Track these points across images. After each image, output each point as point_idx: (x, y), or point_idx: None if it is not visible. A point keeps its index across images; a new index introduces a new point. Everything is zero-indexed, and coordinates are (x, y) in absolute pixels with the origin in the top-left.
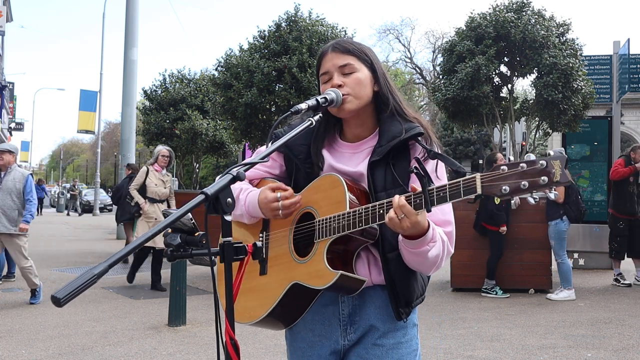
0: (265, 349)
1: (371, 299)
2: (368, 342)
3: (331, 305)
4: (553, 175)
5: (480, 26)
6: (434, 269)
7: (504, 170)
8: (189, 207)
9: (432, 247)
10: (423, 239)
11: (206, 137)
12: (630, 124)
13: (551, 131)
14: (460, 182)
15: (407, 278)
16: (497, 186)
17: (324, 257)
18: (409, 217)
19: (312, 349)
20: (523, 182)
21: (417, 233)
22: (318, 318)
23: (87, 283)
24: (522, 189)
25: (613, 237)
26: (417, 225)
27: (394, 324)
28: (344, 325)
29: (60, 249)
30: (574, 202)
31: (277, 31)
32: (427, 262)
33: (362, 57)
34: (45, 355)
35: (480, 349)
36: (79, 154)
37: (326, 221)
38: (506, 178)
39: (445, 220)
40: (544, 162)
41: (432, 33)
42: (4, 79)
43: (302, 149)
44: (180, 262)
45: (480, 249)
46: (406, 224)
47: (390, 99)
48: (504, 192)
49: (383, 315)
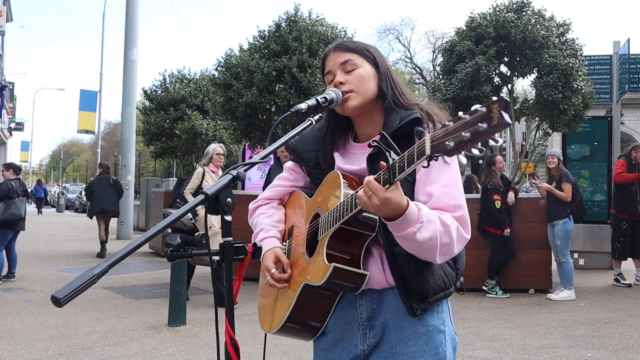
0: (266, 349)
1: (390, 303)
2: (387, 349)
3: (350, 309)
4: (492, 119)
5: (480, 26)
6: (438, 254)
7: (449, 125)
8: (189, 207)
9: (420, 229)
10: (404, 219)
11: (206, 137)
12: (630, 124)
13: (551, 131)
14: (414, 148)
15: (419, 271)
16: (443, 143)
17: (324, 252)
18: (377, 194)
19: (334, 352)
20: (464, 134)
21: (393, 213)
22: (339, 322)
23: (87, 283)
24: (465, 140)
25: (616, 237)
26: (388, 202)
27: (415, 330)
28: (363, 330)
29: (60, 249)
30: (579, 201)
31: (277, 31)
32: (422, 246)
33: (364, 53)
34: (45, 355)
35: (480, 349)
36: (79, 154)
37: (325, 216)
38: (451, 133)
39: (455, 204)
40: (483, 108)
41: (432, 33)
42: (4, 79)
43: (311, 155)
44: (180, 262)
45: (481, 249)
46: (375, 202)
47: (389, 93)
48: (449, 147)
49: (402, 321)
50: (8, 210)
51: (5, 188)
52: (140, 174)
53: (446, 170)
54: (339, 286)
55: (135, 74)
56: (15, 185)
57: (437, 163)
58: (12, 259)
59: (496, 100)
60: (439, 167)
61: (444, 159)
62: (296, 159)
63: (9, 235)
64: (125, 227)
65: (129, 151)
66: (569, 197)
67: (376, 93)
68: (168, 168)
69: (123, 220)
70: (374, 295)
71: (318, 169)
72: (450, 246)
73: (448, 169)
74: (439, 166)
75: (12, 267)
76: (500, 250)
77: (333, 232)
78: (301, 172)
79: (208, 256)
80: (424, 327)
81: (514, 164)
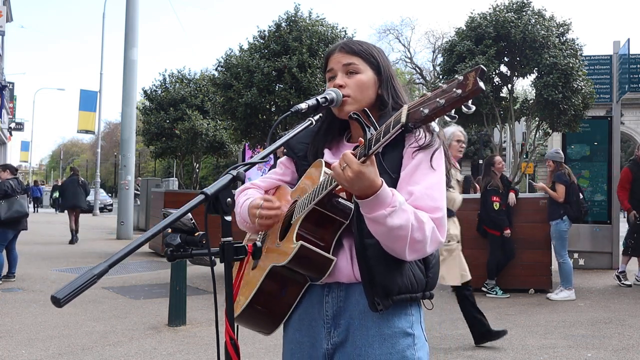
0: (266, 349)
1: (356, 301)
2: (351, 351)
3: (317, 305)
4: (466, 85)
5: (481, 26)
6: (407, 248)
7: (427, 95)
8: (189, 207)
9: (392, 213)
10: (375, 199)
11: (206, 137)
12: (630, 124)
13: (551, 131)
14: (392, 119)
15: (388, 267)
16: (418, 111)
17: (294, 232)
18: (351, 166)
19: (300, 350)
20: (439, 100)
21: (366, 190)
22: (305, 317)
23: (87, 283)
24: (439, 107)
25: (630, 234)
26: (361, 176)
27: (381, 332)
28: (327, 328)
29: (60, 249)
30: (574, 202)
31: (277, 31)
32: (392, 233)
33: (368, 59)
34: (45, 355)
35: (480, 349)
36: (79, 154)
37: (302, 200)
38: (428, 101)
39: (435, 206)
40: (460, 76)
41: (432, 33)
42: (4, 79)
43: (302, 147)
44: (180, 262)
45: (480, 249)
46: (348, 173)
47: (390, 101)
48: (422, 115)
49: (367, 322)
50: (12, 207)
51: (4, 187)
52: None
53: (431, 174)
54: (304, 267)
55: (135, 74)
56: (14, 184)
57: (423, 166)
58: (12, 259)
59: (474, 68)
60: (424, 169)
61: (431, 164)
62: (287, 149)
63: (10, 235)
64: (125, 227)
65: (129, 151)
66: (561, 198)
67: (374, 100)
68: (168, 168)
69: (123, 220)
70: (340, 292)
71: (306, 161)
72: (423, 244)
73: (433, 173)
74: (425, 169)
75: (12, 267)
76: (499, 250)
77: (306, 214)
78: (290, 167)
79: (208, 256)
80: (390, 329)
81: (513, 164)
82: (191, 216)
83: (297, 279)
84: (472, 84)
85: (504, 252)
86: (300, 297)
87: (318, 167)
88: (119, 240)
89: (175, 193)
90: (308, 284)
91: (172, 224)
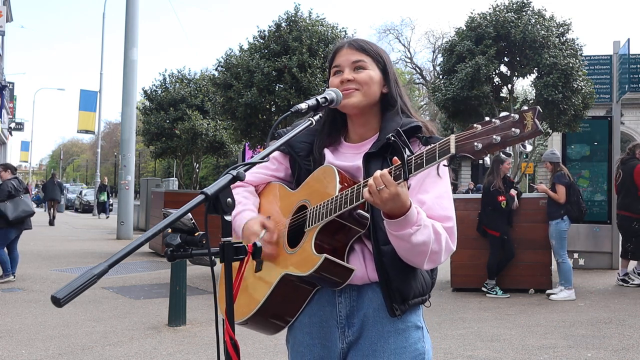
0: (265, 349)
1: (369, 300)
2: (367, 347)
3: (328, 307)
4: (525, 126)
5: (480, 26)
6: (426, 260)
7: (477, 128)
8: (189, 207)
9: (417, 232)
10: (405, 219)
11: (206, 137)
12: (630, 124)
13: (551, 131)
14: (436, 146)
15: (403, 273)
16: (470, 144)
17: (312, 243)
18: (389, 187)
19: (311, 352)
20: (495, 137)
21: (397, 210)
22: (316, 320)
23: (87, 283)
24: (494, 143)
25: (628, 238)
26: (397, 199)
27: (396, 326)
28: (341, 328)
29: (60, 249)
30: (575, 202)
31: (277, 31)
32: (415, 250)
33: (376, 58)
34: (45, 355)
35: (480, 349)
36: (79, 154)
37: (316, 209)
38: (479, 135)
39: (445, 215)
40: (516, 115)
41: (432, 33)
42: (4, 79)
43: (303, 147)
44: (180, 262)
45: (480, 249)
46: (385, 195)
47: (399, 100)
48: (476, 148)
49: (382, 318)
50: (19, 207)
51: (6, 187)
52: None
53: (440, 182)
54: (324, 279)
55: (135, 74)
56: (15, 183)
57: (432, 174)
58: (13, 260)
59: (530, 108)
60: (433, 177)
61: (438, 172)
62: (286, 148)
63: (12, 235)
64: (125, 227)
65: (129, 151)
66: (562, 199)
67: (378, 98)
68: (168, 168)
69: (123, 220)
70: (353, 292)
71: (308, 160)
72: (439, 254)
73: (441, 181)
74: (434, 177)
75: (12, 267)
76: (499, 250)
77: (324, 225)
78: (284, 164)
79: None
80: (404, 324)
81: (513, 164)
82: (191, 216)
83: (308, 285)
84: (531, 126)
85: (504, 252)
86: (308, 300)
87: (329, 174)
88: (119, 240)
89: (175, 193)
90: (317, 287)
91: (172, 224)
